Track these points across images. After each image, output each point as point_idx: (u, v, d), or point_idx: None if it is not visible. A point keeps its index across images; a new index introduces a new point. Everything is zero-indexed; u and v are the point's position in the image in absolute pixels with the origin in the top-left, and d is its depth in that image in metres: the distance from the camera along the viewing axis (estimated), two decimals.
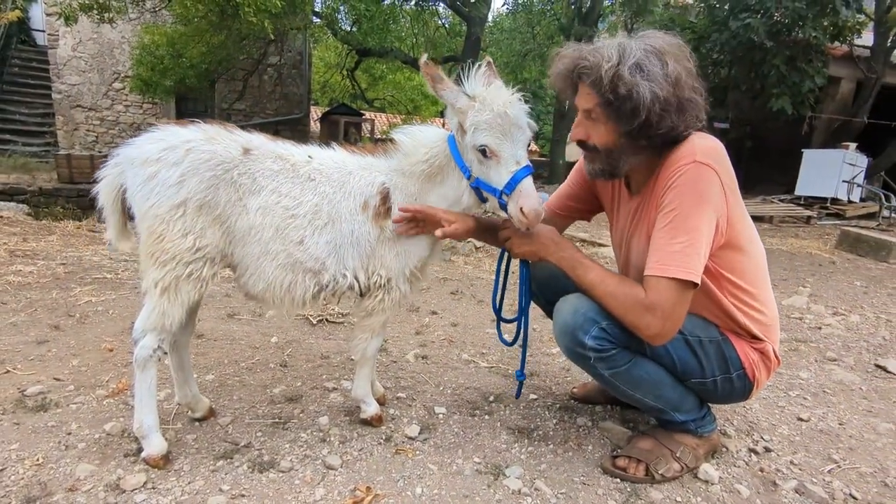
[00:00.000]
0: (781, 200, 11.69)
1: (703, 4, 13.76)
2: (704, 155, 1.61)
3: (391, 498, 1.68)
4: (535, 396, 2.45)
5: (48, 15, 13.11)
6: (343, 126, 16.05)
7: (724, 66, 12.86)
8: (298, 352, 2.82)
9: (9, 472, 1.67)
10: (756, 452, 2.07)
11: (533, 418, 2.24)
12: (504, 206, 1.70)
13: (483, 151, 1.67)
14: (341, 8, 11.76)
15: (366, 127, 17.85)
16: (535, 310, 2.32)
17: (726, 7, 12.36)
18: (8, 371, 2.34)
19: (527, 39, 18.14)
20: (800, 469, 1.98)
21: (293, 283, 1.79)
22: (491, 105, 1.65)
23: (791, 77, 11.39)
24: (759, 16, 11.18)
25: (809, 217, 10.48)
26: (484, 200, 1.80)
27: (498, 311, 2.22)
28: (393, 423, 2.14)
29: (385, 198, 1.85)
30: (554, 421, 2.23)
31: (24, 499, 1.56)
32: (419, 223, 1.87)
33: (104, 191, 1.74)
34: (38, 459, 1.74)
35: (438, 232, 1.83)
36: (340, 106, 17.52)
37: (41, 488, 1.61)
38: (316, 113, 19.72)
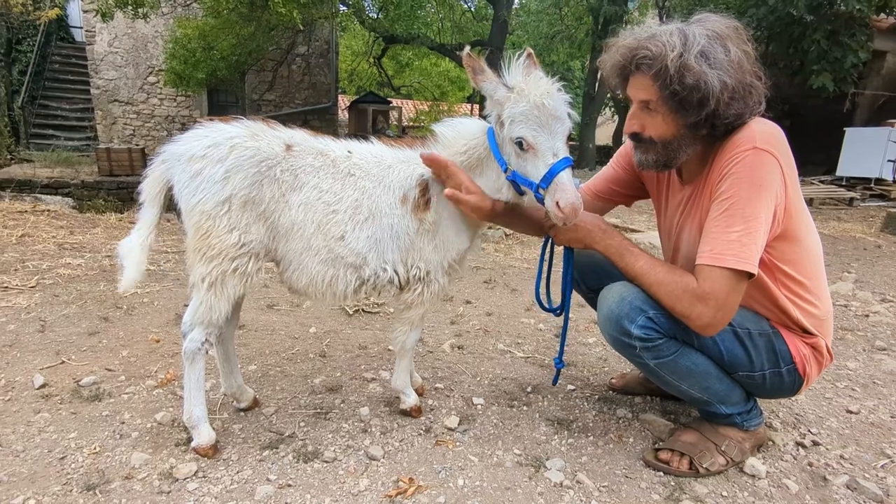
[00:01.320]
0: (822, 181, 11.24)
1: None
2: (764, 141, 1.55)
3: (433, 489, 1.70)
4: (572, 387, 2.43)
5: (85, 12, 13.49)
6: (371, 114, 16.10)
7: (762, 43, 12.36)
8: (336, 342, 2.86)
9: (69, 461, 1.75)
10: (804, 446, 2.01)
11: (572, 409, 2.23)
12: (541, 200, 1.66)
13: (520, 144, 1.63)
14: None
15: (393, 114, 17.86)
16: (572, 297, 2.30)
17: None
18: (63, 362, 2.45)
19: (554, 21, 17.79)
20: (850, 464, 1.92)
21: (335, 277, 1.81)
22: (528, 96, 1.60)
23: (833, 52, 10.88)
24: None
25: (852, 199, 10.07)
26: (522, 194, 1.78)
27: (543, 302, 2.16)
28: (432, 413, 2.16)
29: (424, 189, 1.85)
30: (593, 412, 2.22)
31: (85, 486, 1.63)
32: (441, 174, 1.83)
33: (150, 186, 1.76)
34: (95, 448, 1.82)
35: (448, 191, 1.79)
36: (368, 94, 17.57)
37: (99, 476, 1.68)
38: (344, 101, 19.81)
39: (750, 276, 1.55)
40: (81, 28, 14.88)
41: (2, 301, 3.14)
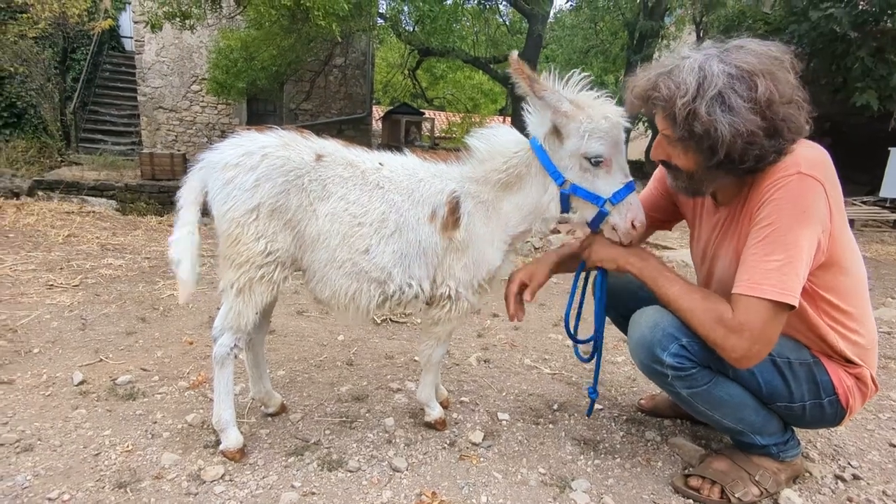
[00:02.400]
0: (864, 202, 10.81)
1: None
2: (810, 166, 1.49)
3: None
4: (600, 407, 2.39)
5: (136, 23, 14.09)
6: (404, 125, 16.27)
7: (803, 59, 12.00)
8: (364, 351, 2.88)
9: (103, 458, 1.81)
10: (843, 479, 1.93)
11: (599, 430, 2.19)
12: (603, 216, 1.71)
13: (596, 160, 1.66)
14: (405, 9, 11.92)
15: (426, 126, 18.02)
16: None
17: None
18: (101, 360, 2.53)
19: (589, 36, 17.70)
20: (893, 500, 1.82)
21: (358, 291, 1.80)
22: (605, 114, 1.64)
23: (878, 70, 10.48)
24: (842, 5, 10.38)
25: None
26: (567, 210, 1.76)
27: (572, 333, 2.13)
28: (457, 427, 2.15)
29: (454, 208, 1.82)
30: (621, 433, 2.17)
31: (117, 483, 1.67)
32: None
33: (187, 191, 1.80)
34: (127, 446, 1.87)
35: (528, 296, 1.95)
36: (402, 105, 17.77)
37: (131, 474, 1.72)
38: (378, 112, 20.08)
39: (790, 307, 1.48)
40: (131, 38, 15.54)
41: (47, 298, 3.27)
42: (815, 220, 1.48)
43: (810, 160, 1.51)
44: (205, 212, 1.81)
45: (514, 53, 1.68)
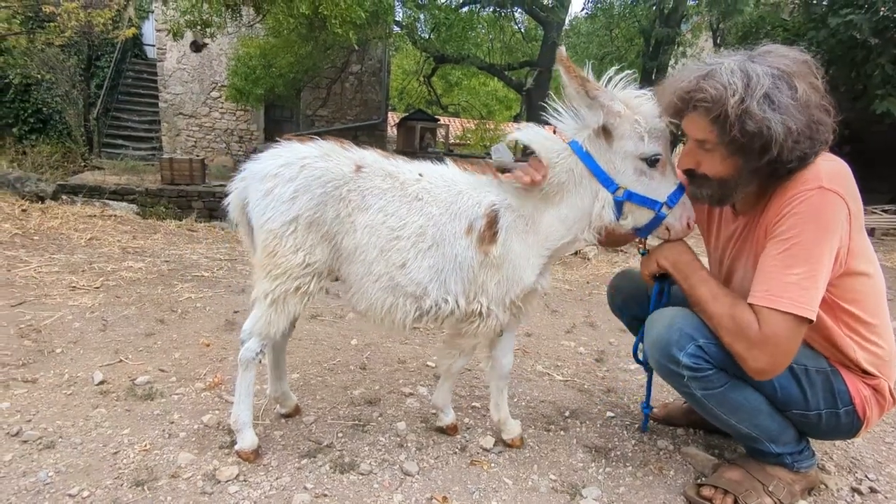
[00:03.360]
0: (885, 211, 10.63)
1: (798, 1, 12.79)
2: (831, 180, 1.48)
3: None
4: (612, 414, 2.38)
5: (158, 31, 14.39)
6: (419, 131, 16.37)
7: (822, 66, 11.86)
8: (377, 355, 2.91)
9: (121, 456, 1.85)
10: (860, 492, 1.90)
11: (610, 437, 2.18)
12: (658, 221, 1.67)
13: (654, 161, 1.62)
14: (421, 17, 12.03)
15: (440, 132, 18.11)
16: (612, 322, 2.27)
17: (825, 3, 11.41)
18: (121, 360, 2.59)
19: (605, 42, 17.66)
20: None
21: (394, 306, 1.76)
22: (656, 112, 1.60)
23: None
24: (863, 11, 10.24)
25: None
26: (619, 217, 1.69)
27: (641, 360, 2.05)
28: (468, 432, 2.16)
29: (492, 222, 1.73)
30: (633, 442, 2.16)
31: (134, 482, 1.71)
32: None
33: (233, 204, 1.83)
34: (145, 445, 1.91)
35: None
36: (417, 112, 17.89)
37: (148, 473, 1.76)
38: (393, 119, 20.24)
39: (809, 321, 1.48)
40: (154, 46, 15.88)
41: (70, 300, 3.35)
42: (836, 235, 1.47)
43: (831, 173, 1.50)
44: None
45: (562, 49, 1.60)
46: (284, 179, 1.68)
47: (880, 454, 2.16)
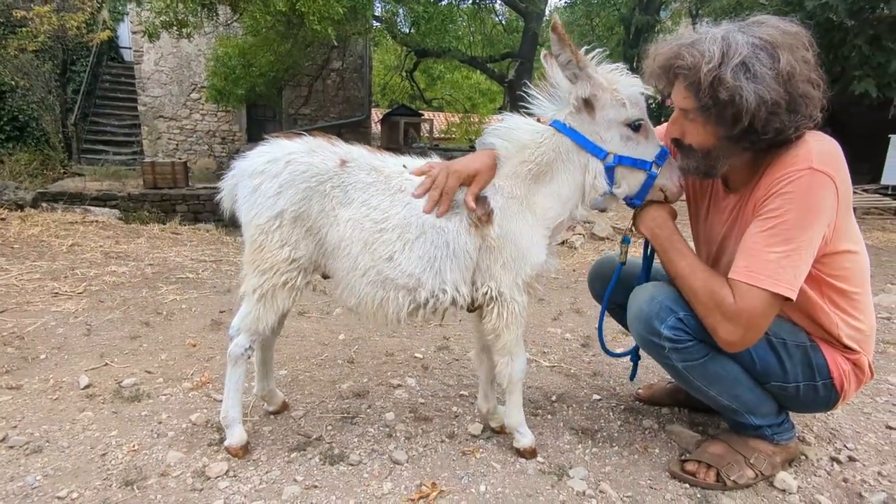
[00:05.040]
0: (865, 191, 10.80)
1: None
2: (821, 161, 1.49)
3: (456, 494, 1.71)
4: (598, 397, 2.42)
5: (134, 33, 14.22)
6: (403, 126, 16.34)
7: None
8: (364, 349, 2.92)
9: (109, 457, 1.84)
10: (839, 462, 1.95)
11: (597, 419, 2.22)
12: (651, 181, 1.71)
13: (637, 126, 1.68)
14: (400, 11, 11.98)
15: (424, 127, 18.08)
16: (597, 308, 2.30)
17: None
18: (107, 364, 2.58)
19: (585, 32, 17.73)
20: (889, 481, 1.84)
21: (385, 299, 1.74)
22: (632, 82, 1.66)
23: (875, 57, 10.45)
24: None
25: None
26: (611, 185, 1.72)
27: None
28: (456, 420, 2.18)
29: (482, 203, 1.73)
30: (619, 423, 2.20)
31: (123, 481, 1.71)
32: None
33: (225, 201, 1.84)
34: (133, 446, 1.91)
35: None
36: (400, 107, 17.86)
37: (137, 472, 1.76)
38: (377, 115, 20.17)
39: (786, 299, 1.51)
40: (130, 48, 15.67)
41: (53, 306, 3.32)
42: (822, 216, 1.49)
43: (822, 154, 1.51)
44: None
45: (557, 18, 1.61)
46: (270, 175, 1.69)
47: (859, 424, 2.22)
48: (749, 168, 1.68)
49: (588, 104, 1.68)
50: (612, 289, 2.05)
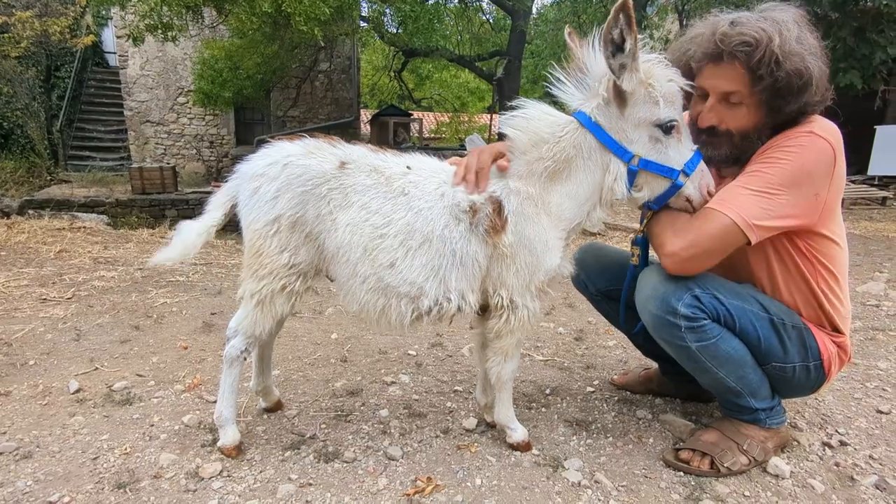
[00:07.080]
0: (853, 181, 10.92)
1: None
2: (824, 130, 1.54)
3: (451, 488, 1.71)
4: (591, 389, 2.43)
5: (118, 37, 14.07)
6: (392, 127, 16.30)
7: None
8: (357, 347, 2.91)
9: (101, 461, 1.82)
10: (830, 446, 1.97)
11: (591, 411, 2.22)
12: (674, 190, 1.60)
13: (669, 127, 1.54)
14: (387, 11, 11.95)
15: (414, 126, 18.06)
16: (588, 303, 2.31)
17: None
18: (97, 368, 2.55)
19: (573, 27, 17.76)
20: (880, 464, 1.87)
21: (387, 307, 1.69)
22: (669, 76, 1.53)
23: (860, 49, 10.58)
24: None
25: (885, 198, 9.77)
26: (631, 187, 1.62)
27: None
28: (451, 415, 2.18)
29: (498, 209, 1.63)
30: (612, 414, 2.20)
31: (116, 484, 1.69)
32: None
33: (219, 196, 1.80)
34: (126, 449, 1.89)
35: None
36: (389, 107, 17.80)
37: (130, 475, 1.74)
38: (366, 115, 20.11)
39: (745, 238, 1.53)
40: (115, 53, 15.50)
41: (41, 312, 3.29)
42: (812, 181, 1.52)
43: (825, 126, 1.57)
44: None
45: None
46: (269, 178, 1.66)
47: (849, 409, 2.24)
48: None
49: (620, 97, 1.55)
50: (593, 274, 2.08)
